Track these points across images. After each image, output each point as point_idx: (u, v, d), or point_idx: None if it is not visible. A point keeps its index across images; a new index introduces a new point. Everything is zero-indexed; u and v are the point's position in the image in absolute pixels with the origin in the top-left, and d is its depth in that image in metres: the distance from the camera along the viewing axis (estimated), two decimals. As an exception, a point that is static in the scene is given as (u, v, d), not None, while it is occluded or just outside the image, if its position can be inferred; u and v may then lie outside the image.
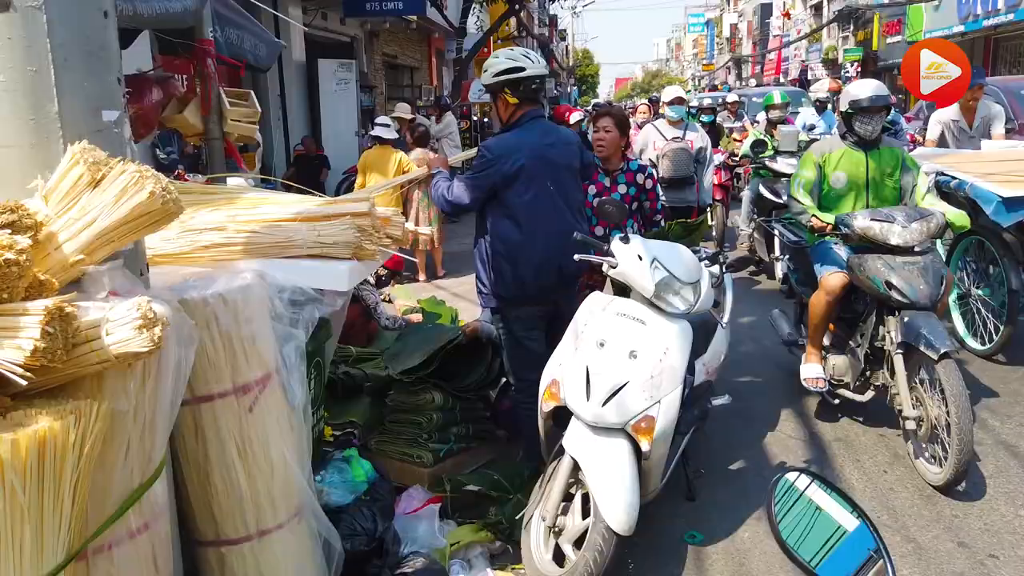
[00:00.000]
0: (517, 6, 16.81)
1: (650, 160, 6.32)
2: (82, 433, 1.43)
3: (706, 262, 3.19)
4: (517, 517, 2.93)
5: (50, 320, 1.37)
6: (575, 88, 38.98)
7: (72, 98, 1.67)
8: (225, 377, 2.03)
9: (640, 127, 7.47)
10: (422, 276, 7.94)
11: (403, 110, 9.22)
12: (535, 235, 3.21)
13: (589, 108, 18.78)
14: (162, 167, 6.42)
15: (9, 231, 1.46)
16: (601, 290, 3.09)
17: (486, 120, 22.55)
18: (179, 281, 2.08)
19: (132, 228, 1.64)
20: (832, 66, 30.28)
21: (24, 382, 1.34)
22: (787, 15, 42.48)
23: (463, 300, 6.49)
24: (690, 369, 2.92)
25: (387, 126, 8.01)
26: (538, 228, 3.21)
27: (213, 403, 2.02)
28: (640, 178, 4.05)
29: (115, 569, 1.64)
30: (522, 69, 3.23)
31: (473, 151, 3.88)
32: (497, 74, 3.25)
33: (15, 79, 1.61)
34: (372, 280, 5.22)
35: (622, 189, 4.04)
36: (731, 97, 12.27)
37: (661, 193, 4.22)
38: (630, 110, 12.19)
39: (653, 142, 6.58)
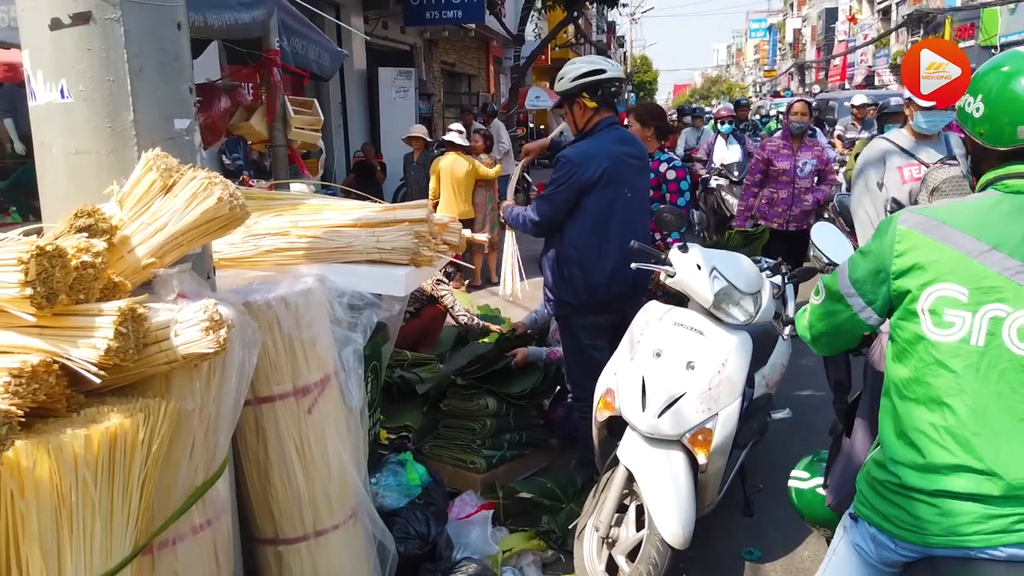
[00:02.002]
0: (575, 13, 16.80)
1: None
2: (151, 430, 1.48)
3: (767, 272, 3.12)
4: (570, 527, 2.91)
5: (123, 321, 1.42)
6: (633, 95, 38.71)
7: (146, 107, 1.72)
8: (286, 379, 2.07)
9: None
10: (478, 281, 8.00)
11: (419, 131, 9.09)
12: (611, 242, 3.17)
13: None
14: (228, 173, 6.62)
15: (86, 234, 1.52)
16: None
17: (542, 128, 22.61)
18: (243, 285, 2.14)
19: (201, 233, 1.69)
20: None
21: (98, 380, 1.39)
22: (853, 19, 41.43)
23: (517, 308, 6.50)
24: (749, 381, 2.85)
25: (460, 132, 8.16)
26: (613, 234, 3.18)
27: (274, 404, 2.07)
28: (663, 168, 4.12)
29: (179, 564, 1.68)
30: (602, 71, 3.23)
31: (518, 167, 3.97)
32: (576, 78, 3.22)
33: (93, 88, 1.67)
34: (446, 280, 5.26)
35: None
36: (859, 99, 9.40)
37: (686, 188, 4.20)
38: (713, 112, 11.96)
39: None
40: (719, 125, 8.15)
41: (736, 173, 7.62)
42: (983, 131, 1.55)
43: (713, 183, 7.97)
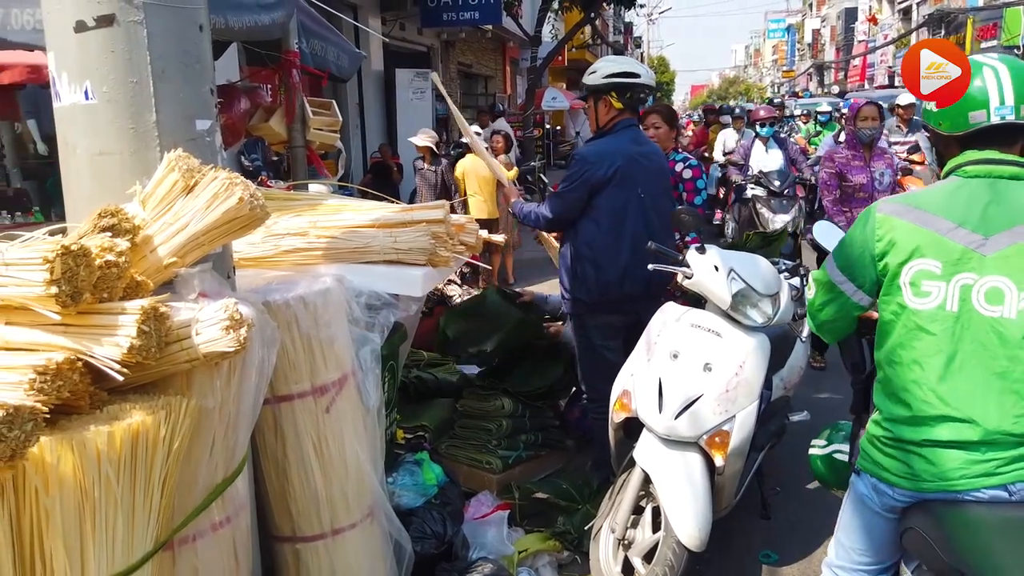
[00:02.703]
0: (592, 14, 16.77)
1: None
2: (172, 428, 1.50)
3: (786, 274, 3.11)
4: (586, 528, 2.91)
5: (146, 319, 1.44)
6: (651, 96, 38.56)
7: (169, 108, 1.75)
8: (304, 378, 2.09)
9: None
10: (494, 282, 8.01)
11: (427, 139, 8.81)
12: (622, 241, 3.18)
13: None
14: (247, 173, 6.66)
15: (110, 234, 1.54)
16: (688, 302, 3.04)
17: (558, 128, 22.59)
18: (262, 284, 2.16)
19: (222, 232, 1.71)
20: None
21: (121, 378, 1.41)
22: (874, 20, 41.04)
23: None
24: (767, 384, 2.84)
25: (478, 134, 8.17)
26: (626, 234, 3.18)
27: (292, 403, 2.09)
28: (679, 167, 4.11)
29: (199, 560, 1.70)
30: (636, 76, 3.24)
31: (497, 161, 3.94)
32: (609, 76, 3.22)
33: (117, 90, 1.70)
34: (459, 280, 5.27)
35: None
36: (905, 98, 7.94)
37: (703, 187, 4.18)
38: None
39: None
40: (758, 128, 7.16)
41: (776, 183, 6.80)
42: (942, 122, 1.81)
43: (749, 192, 7.11)
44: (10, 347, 1.41)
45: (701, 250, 2.89)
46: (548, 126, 20.69)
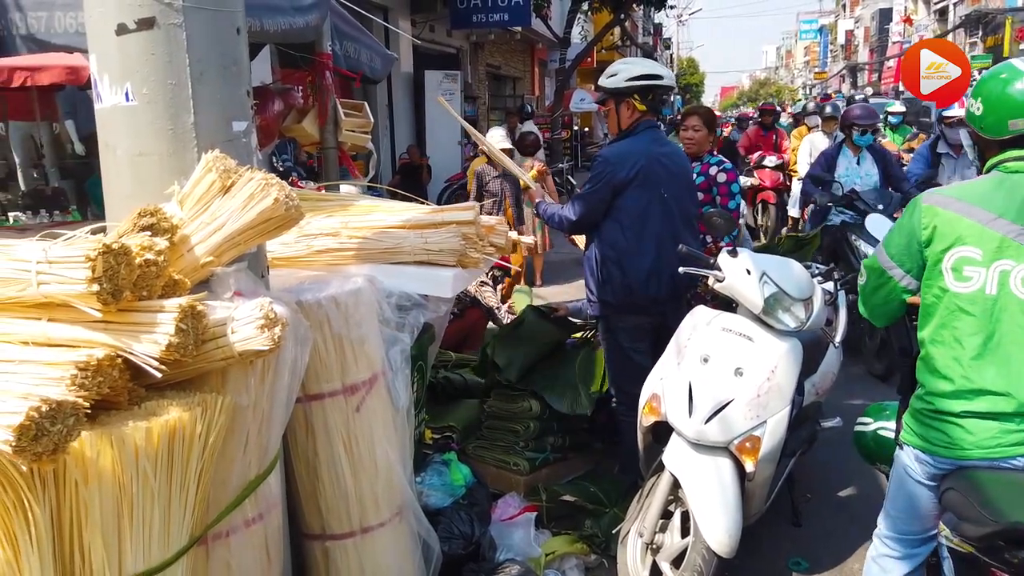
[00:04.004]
0: (622, 15, 16.71)
1: None
2: (207, 424, 1.52)
3: (819, 278, 3.06)
4: (613, 531, 2.89)
5: (183, 317, 1.46)
6: (679, 97, 38.32)
7: (206, 109, 1.77)
8: (335, 377, 2.11)
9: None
10: (522, 283, 8.00)
11: (500, 141, 8.66)
12: (645, 242, 3.17)
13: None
14: (278, 174, 6.72)
15: (149, 233, 1.57)
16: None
17: (586, 130, 22.53)
18: (295, 284, 2.18)
19: (257, 232, 1.73)
20: (957, 73, 28.49)
21: (159, 374, 1.44)
22: (909, 20, 40.40)
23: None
24: (799, 389, 2.80)
25: (504, 136, 8.13)
26: (649, 235, 3.17)
27: (323, 402, 2.10)
28: (714, 171, 4.06)
29: (231, 556, 1.72)
30: (659, 78, 3.24)
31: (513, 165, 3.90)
32: (632, 78, 3.21)
33: (156, 91, 1.73)
34: (490, 282, 5.27)
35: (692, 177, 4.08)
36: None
37: (736, 191, 4.12)
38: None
39: None
40: (855, 134, 5.51)
41: (879, 206, 5.16)
42: (983, 125, 1.95)
43: (837, 218, 5.32)
44: (52, 343, 1.44)
45: (733, 253, 2.86)
46: (576, 128, 20.65)
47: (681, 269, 2.94)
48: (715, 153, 4.31)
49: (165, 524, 1.47)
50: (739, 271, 2.79)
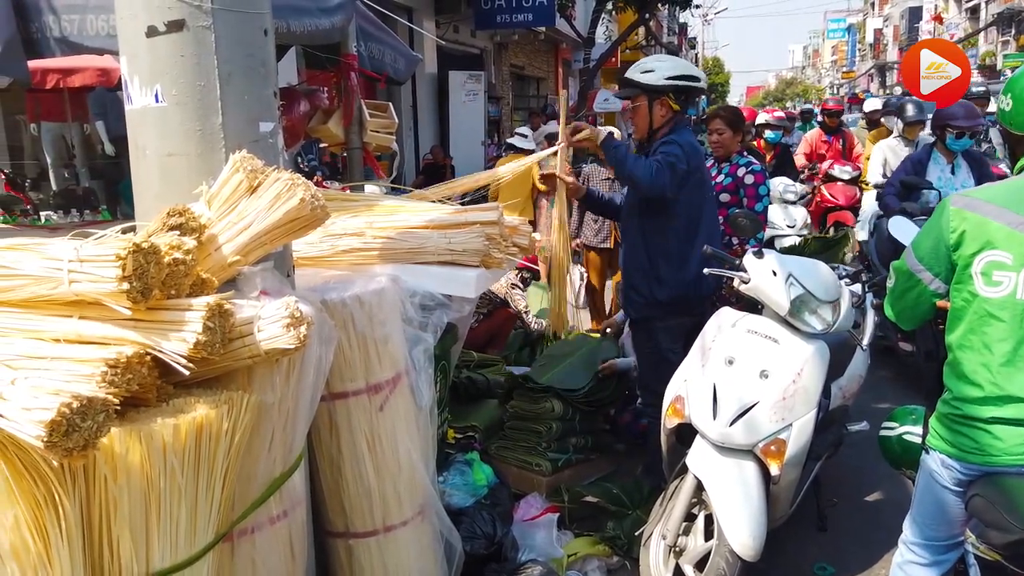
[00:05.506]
0: (647, 15, 16.63)
1: None
2: (234, 422, 1.53)
3: (846, 280, 3.03)
4: (636, 533, 2.88)
5: (211, 316, 1.48)
6: (704, 97, 38.03)
7: (234, 110, 1.79)
8: (359, 376, 2.12)
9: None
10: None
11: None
12: (700, 239, 3.12)
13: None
14: (303, 174, 6.80)
15: (178, 232, 1.59)
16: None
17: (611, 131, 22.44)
18: (320, 283, 2.20)
19: (283, 232, 1.75)
20: (989, 73, 28.00)
21: (186, 372, 1.45)
22: (939, 19, 39.78)
23: (582, 311, 6.46)
24: (826, 392, 2.77)
25: (524, 136, 8.12)
26: (701, 232, 3.16)
27: (347, 400, 2.12)
28: (741, 172, 4.04)
29: (256, 552, 1.74)
30: (697, 80, 3.22)
31: (548, 152, 3.51)
32: (671, 77, 3.14)
33: (185, 93, 1.75)
34: (520, 285, 5.24)
35: (720, 178, 4.09)
36: None
37: (764, 194, 4.04)
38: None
39: None
40: (950, 138, 4.57)
41: None
42: (1012, 121, 1.95)
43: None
44: (83, 340, 1.46)
45: (759, 254, 2.83)
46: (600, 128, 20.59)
47: (706, 270, 2.92)
48: (744, 154, 4.26)
49: (192, 520, 1.49)
50: (765, 272, 2.76)
